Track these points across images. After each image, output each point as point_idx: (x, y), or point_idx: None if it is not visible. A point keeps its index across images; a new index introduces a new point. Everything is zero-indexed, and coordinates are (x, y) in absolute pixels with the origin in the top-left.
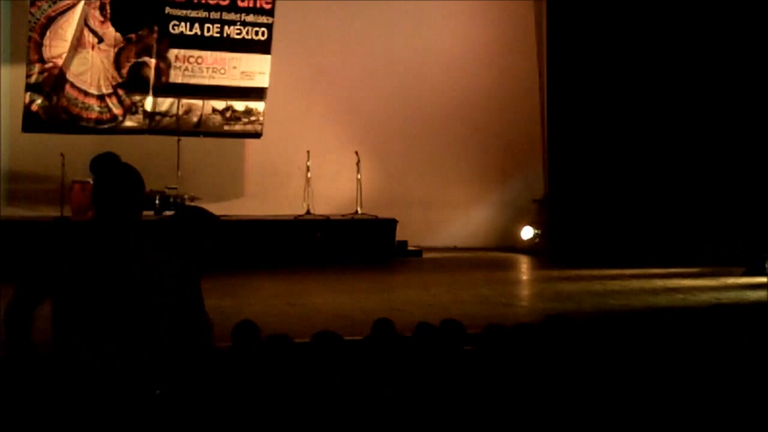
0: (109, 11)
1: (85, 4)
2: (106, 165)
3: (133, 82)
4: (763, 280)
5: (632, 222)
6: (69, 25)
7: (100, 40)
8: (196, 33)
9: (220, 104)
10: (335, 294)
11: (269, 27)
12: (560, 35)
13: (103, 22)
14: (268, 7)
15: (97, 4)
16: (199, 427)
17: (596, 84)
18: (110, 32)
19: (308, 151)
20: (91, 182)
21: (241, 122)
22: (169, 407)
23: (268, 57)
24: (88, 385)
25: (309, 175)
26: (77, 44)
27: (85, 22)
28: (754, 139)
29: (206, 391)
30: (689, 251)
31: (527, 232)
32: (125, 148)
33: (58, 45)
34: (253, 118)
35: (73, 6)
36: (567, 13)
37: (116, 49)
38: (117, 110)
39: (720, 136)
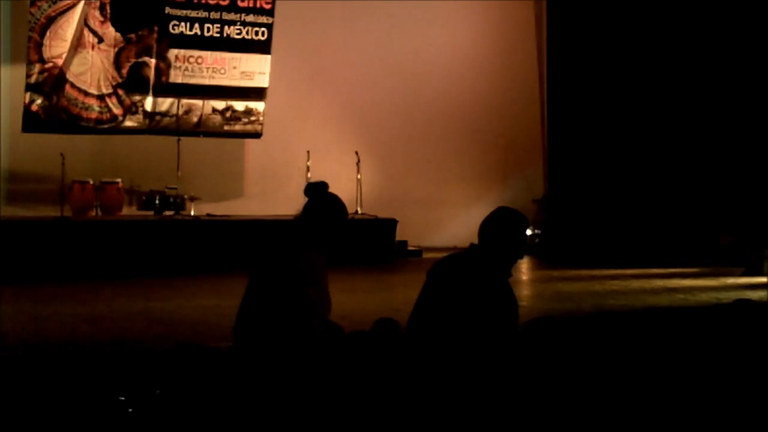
0: (109, 11)
1: (85, 4)
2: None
3: (133, 82)
4: (763, 280)
5: (632, 222)
6: (69, 25)
7: (100, 40)
8: (196, 33)
9: (220, 104)
10: (335, 294)
11: (269, 27)
12: (560, 35)
13: (103, 22)
14: (268, 7)
15: (97, 4)
16: (200, 427)
17: (596, 84)
18: (110, 32)
19: (308, 151)
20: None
21: (241, 122)
22: (169, 407)
23: (268, 57)
24: None
25: (309, 175)
26: (77, 44)
27: (85, 22)
28: (753, 138)
29: (206, 391)
30: (689, 250)
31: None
32: (125, 148)
33: (58, 45)
34: (253, 118)
35: (73, 6)
36: (567, 13)
37: (116, 49)
38: (117, 110)
39: (720, 134)
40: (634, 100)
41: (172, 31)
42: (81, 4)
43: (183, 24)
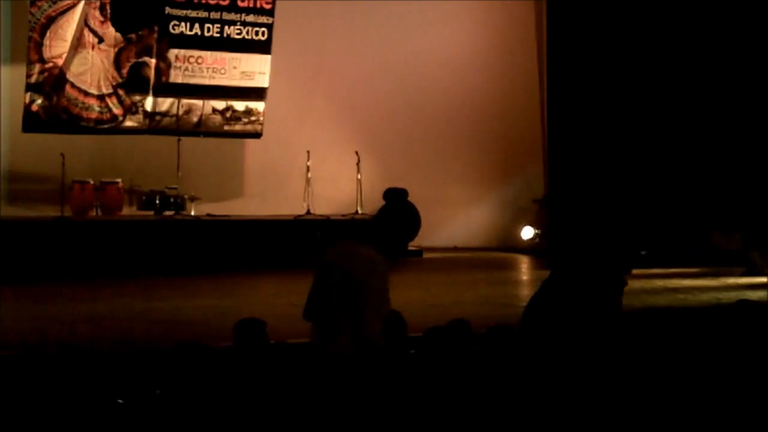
0: (109, 11)
1: (85, 4)
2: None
3: (133, 82)
4: (763, 280)
5: (632, 222)
6: (69, 25)
7: (101, 40)
8: (196, 33)
9: (220, 104)
10: None
11: (269, 27)
12: (560, 35)
13: (103, 22)
14: (268, 7)
15: (97, 4)
16: (200, 427)
17: (596, 84)
18: (110, 32)
19: (308, 151)
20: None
21: (241, 122)
22: (169, 407)
23: (268, 57)
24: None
25: (309, 175)
26: (77, 44)
27: (85, 22)
28: (755, 138)
29: (207, 391)
30: (690, 250)
31: (527, 232)
32: (125, 148)
33: (58, 45)
34: (253, 118)
35: (73, 6)
36: (567, 13)
37: (116, 49)
38: (117, 110)
39: (721, 135)
40: (635, 99)
41: (172, 31)
42: (81, 4)
43: (183, 24)
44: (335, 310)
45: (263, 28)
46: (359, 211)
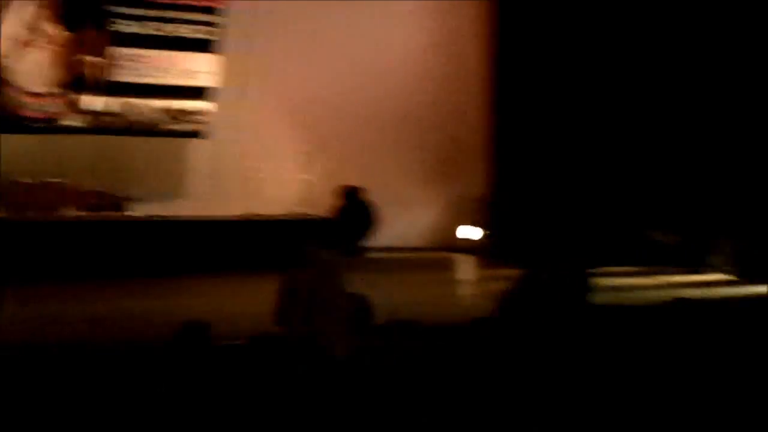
0: (53, 9)
1: (28, 1)
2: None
3: (75, 81)
4: (704, 278)
5: (580, 220)
6: (11, 23)
7: (44, 38)
8: (141, 32)
9: (163, 103)
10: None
11: (216, 26)
12: (509, 32)
13: (46, 20)
14: (215, 5)
15: (41, 2)
16: (202, 426)
17: (544, 83)
18: (54, 30)
19: (256, 151)
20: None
21: (185, 122)
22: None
23: (213, 56)
24: None
25: (258, 175)
26: (20, 42)
27: (28, 19)
28: (703, 137)
29: (208, 391)
30: (632, 248)
31: (470, 232)
32: (67, 148)
33: None
34: (197, 118)
35: (16, 3)
36: (517, 3)
37: (59, 48)
38: (58, 109)
39: (668, 134)
40: (583, 98)
41: (116, 29)
42: (24, 1)
43: (128, 22)
44: (292, 314)
45: (209, 27)
46: (309, 212)
